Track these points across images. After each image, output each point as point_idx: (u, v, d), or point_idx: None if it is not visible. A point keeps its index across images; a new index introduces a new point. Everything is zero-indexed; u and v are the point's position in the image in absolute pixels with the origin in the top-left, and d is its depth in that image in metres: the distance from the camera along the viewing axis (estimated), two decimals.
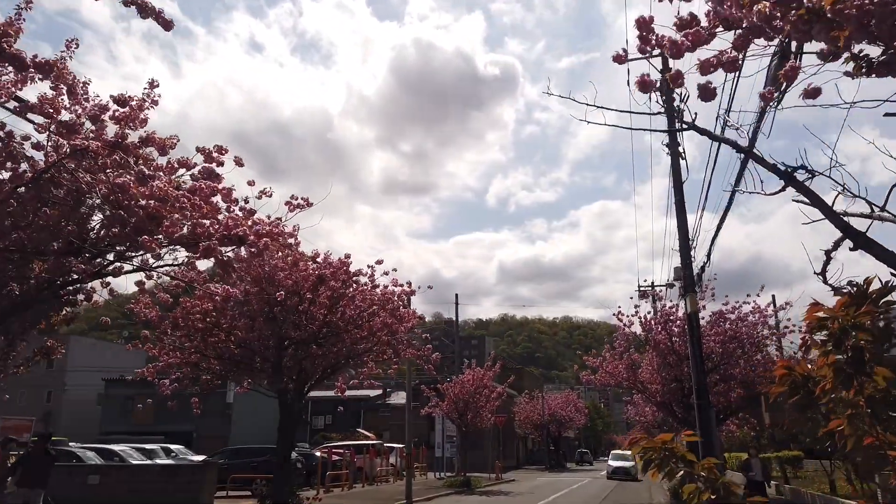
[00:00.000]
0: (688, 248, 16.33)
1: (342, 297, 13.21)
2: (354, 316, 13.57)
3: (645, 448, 2.52)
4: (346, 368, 15.47)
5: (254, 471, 21.23)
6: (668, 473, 2.47)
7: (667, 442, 2.51)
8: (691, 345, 15.74)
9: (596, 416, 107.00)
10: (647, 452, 2.51)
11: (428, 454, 36.49)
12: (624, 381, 22.82)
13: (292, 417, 14.42)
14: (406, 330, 14.82)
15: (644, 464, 2.58)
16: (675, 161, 17.25)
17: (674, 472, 2.46)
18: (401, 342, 14.90)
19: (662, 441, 2.52)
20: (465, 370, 28.25)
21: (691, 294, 15.88)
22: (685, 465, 2.49)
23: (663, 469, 2.48)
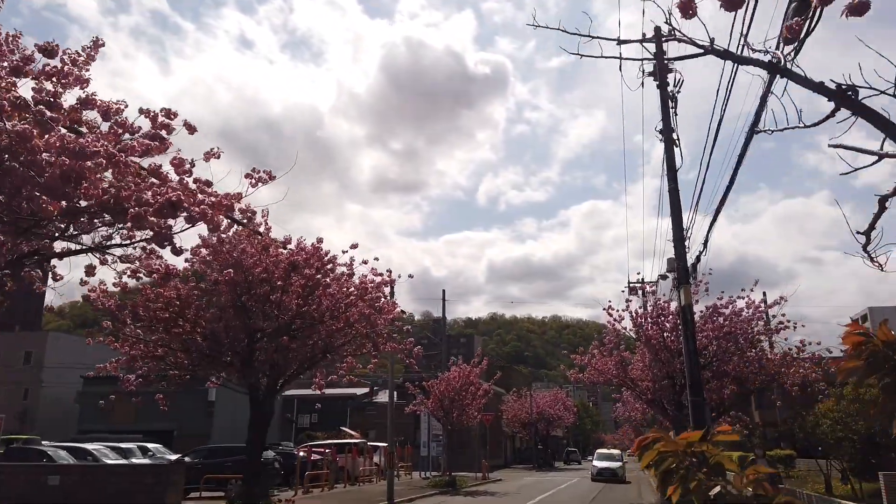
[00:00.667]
0: (682, 237, 15.58)
1: (317, 285, 12.37)
2: (330, 306, 12.73)
3: (662, 453, 1.71)
4: (322, 363, 14.61)
5: (228, 471, 20.30)
6: (696, 490, 1.62)
7: (693, 443, 1.70)
8: (685, 339, 14.99)
9: (584, 415, 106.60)
10: (663, 460, 1.70)
11: (413, 453, 35.68)
12: (613, 379, 22.08)
13: (264, 415, 13.56)
14: (386, 322, 13.98)
15: (661, 477, 1.75)
16: (669, 147, 16.51)
17: (705, 488, 1.63)
18: (380, 335, 14.05)
19: (687, 443, 1.70)
20: (451, 367, 27.44)
21: (685, 286, 15.14)
22: (720, 478, 1.66)
23: (688, 483, 1.65)
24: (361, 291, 13.02)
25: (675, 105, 17.30)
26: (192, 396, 44.22)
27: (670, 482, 1.69)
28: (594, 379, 22.42)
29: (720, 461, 1.69)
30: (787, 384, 19.20)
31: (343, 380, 15.82)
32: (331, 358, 14.52)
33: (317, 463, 23.87)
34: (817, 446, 18.87)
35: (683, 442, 1.71)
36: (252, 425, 13.41)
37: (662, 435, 1.74)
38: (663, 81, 16.99)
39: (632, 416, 41.89)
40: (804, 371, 18.62)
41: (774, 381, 19.37)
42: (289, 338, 12.57)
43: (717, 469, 1.68)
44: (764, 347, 20.14)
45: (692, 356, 14.94)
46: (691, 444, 1.71)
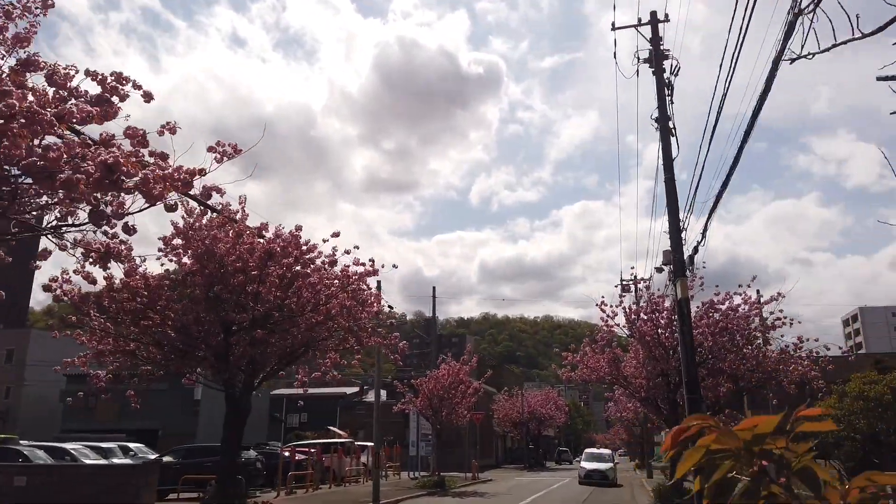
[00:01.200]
0: (678, 228, 15.00)
1: (296, 276, 11.68)
2: (311, 298, 12.05)
3: (714, 453, 1.02)
4: (304, 359, 13.92)
5: (207, 471, 19.56)
6: None
7: (763, 436, 1.03)
8: (682, 334, 14.42)
9: (576, 415, 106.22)
10: (715, 463, 1.02)
11: (402, 453, 35.02)
12: (606, 377, 21.47)
13: (240, 413, 12.87)
14: (370, 315, 13.31)
15: (713, 491, 1.04)
16: (666, 135, 15.94)
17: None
18: (364, 329, 13.37)
19: (754, 435, 1.02)
20: (441, 365, 26.78)
21: (682, 279, 14.56)
22: (811, 496, 0.98)
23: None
24: (343, 282, 12.34)
25: (672, 92, 16.73)
26: (176, 395, 43.49)
27: (732, 497, 1.03)
28: (586, 377, 21.80)
29: (810, 468, 1.02)
30: (785, 382, 18.67)
31: (327, 376, 15.16)
32: (312, 353, 13.83)
33: (301, 463, 23.15)
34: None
35: (747, 433, 1.05)
36: (228, 423, 12.72)
37: (713, 422, 1.09)
38: (659, 67, 16.42)
39: (623, 415, 41.39)
40: (803, 369, 18.08)
41: (772, 379, 18.81)
42: (265, 331, 11.90)
43: (809, 479, 1.01)
44: (761, 345, 19.55)
45: (689, 352, 14.36)
46: (760, 437, 1.05)
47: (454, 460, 37.05)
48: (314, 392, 76.21)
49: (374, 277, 13.28)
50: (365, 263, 12.58)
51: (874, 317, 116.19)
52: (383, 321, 14.11)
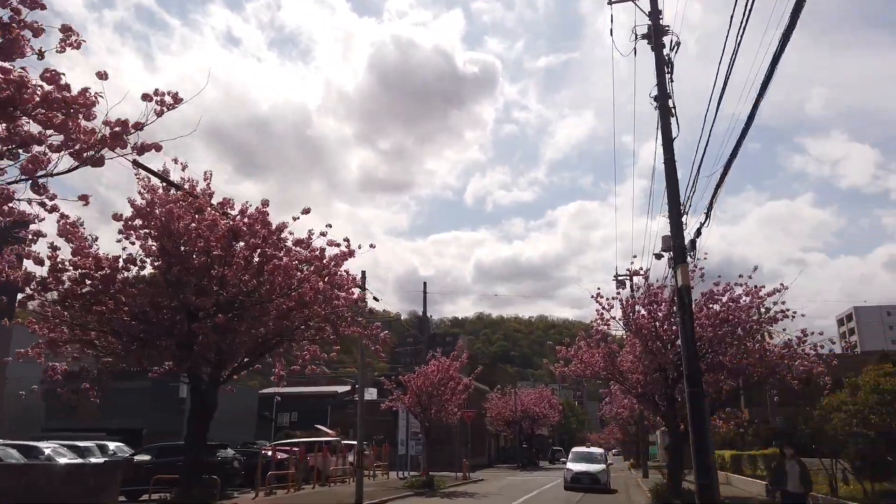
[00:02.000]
0: (679, 212, 14.10)
1: (265, 257, 10.68)
2: (282, 282, 11.08)
3: None
4: (278, 350, 12.93)
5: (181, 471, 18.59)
6: None
7: None
8: (682, 324, 13.51)
9: (570, 414, 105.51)
10: None
11: (391, 452, 34.08)
12: (601, 372, 20.56)
13: (206, 408, 11.88)
14: (347, 302, 12.34)
15: None
16: (665, 114, 15.04)
17: None
18: (341, 317, 12.40)
19: None
20: (430, 361, 25.82)
21: (682, 265, 13.66)
22: None
23: None
24: (317, 267, 11.37)
25: (672, 70, 15.81)
26: (160, 393, 42.45)
27: None
28: (580, 372, 20.88)
29: None
30: (789, 377, 17.76)
31: (305, 370, 14.21)
32: (287, 345, 12.85)
33: (283, 462, 22.16)
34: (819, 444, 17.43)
35: None
36: (192, 418, 11.73)
37: None
38: (658, 42, 15.51)
39: (619, 413, 40.48)
40: (808, 363, 17.18)
41: (775, 373, 17.91)
42: (229, 317, 10.93)
43: None
44: (763, 338, 18.62)
45: (690, 343, 13.46)
46: None
47: (445, 459, 36.12)
48: (305, 391, 75.49)
49: (352, 261, 12.28)
50: (340, 244, 11.61)
51: (869, 316, 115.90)
52: (362, 309, 13.11)
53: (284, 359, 13.83)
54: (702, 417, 13.01)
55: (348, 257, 11.75)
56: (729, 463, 29.11)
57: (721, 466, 30.50)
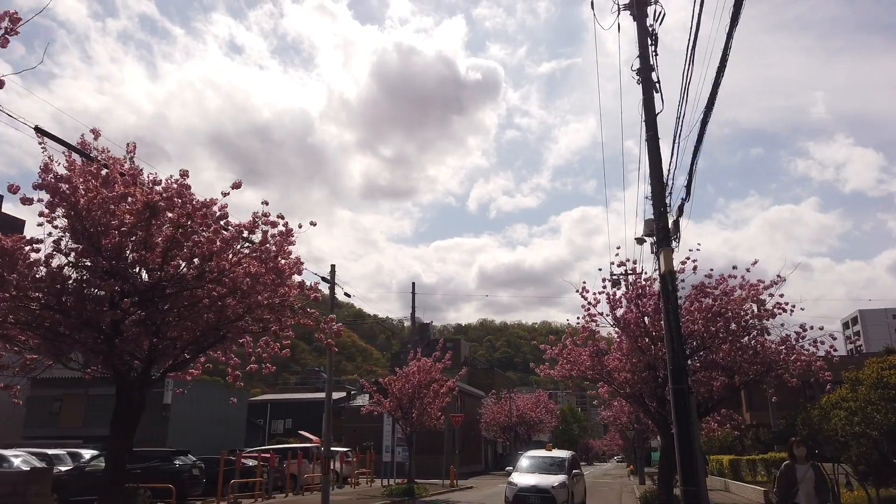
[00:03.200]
0: (662, 192, 12.87)
1: (188, 236, 9.44)
2: (213, 266, 9.86)
3: None
4: (221, 344, 11.69)
5: (137, 479, 17.38)
6: None
7: None
8: (666, 314, 12.27)
9: (572, 420, 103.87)
10: None
11: (377, 459, 32.87)
12: (588, 371, 19.27)
13: (132, 410, 10.62)
14: (293, 290, 11.10)
15: None
16: (648, 88, 13.83)
17: None
18: (286, 306, 11.16)
19: None
20: (411, 361, 24.59)
21: (665, 250, 12.43)
22: None
23: None
24: (253, 249, 10.14)
25: (655, 44, 14.65)
26: (146, 398, 41.32)
27: None
28: (566, 373, 19.58)
29: None
30: (786, 376, 16.46)
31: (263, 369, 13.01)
32: (230, 337, 11.61)
33: (251, 469, 20.93)
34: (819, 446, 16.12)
35: None
36: (115, 422, 10.47)
37: None
38: (641, 11, 14.39)
39: (618, 418, 39.09)
40: (806, 358, 15.87)
41: (772, 371, 16.61)
42: (153, 307, 9.72)
43: None
44: (759, 333, 17.32)
45: (674, 335, 12.21)
46: None
47: (434, 467, 34.87)
48: (299, 397, 74.30)
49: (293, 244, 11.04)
50: (276, 222, 10.37)
51: (874, 319, 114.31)
52: (309, 295, 11.83)
53: (227, 353, 12.65)
54: (687, 417, 11.76)
55: (287, 237, 10.50)
56: (727, 468, 27.79)
57: (719, 472, 29.17)
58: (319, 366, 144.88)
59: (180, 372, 12.23)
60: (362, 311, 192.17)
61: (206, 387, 56.47)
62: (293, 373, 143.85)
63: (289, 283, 11.13)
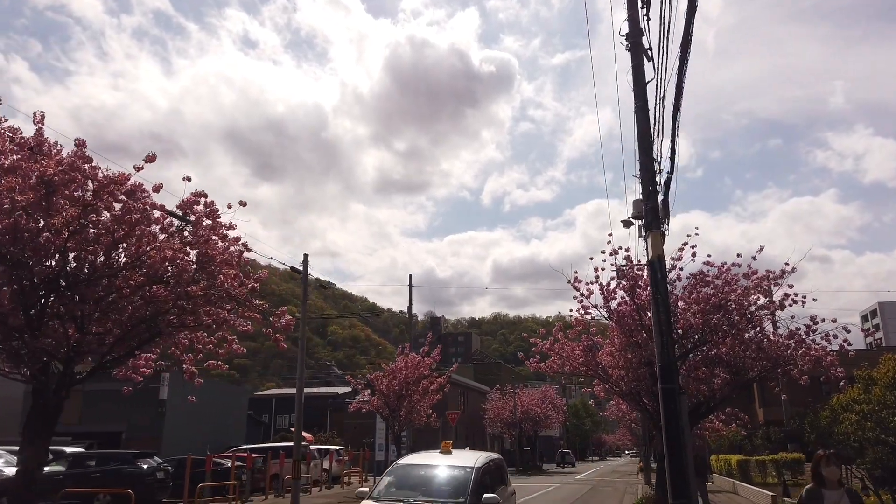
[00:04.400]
0: (652, 169, 11.49)
1: (91, 214, 8.20)
2: (134, 253, 8.66)
3: None
4: (157, 340, 10.51)
5: (96, 483, 16.32)
6: None
7: None
8: (654, 304, 10.92)
9: (584, 415, 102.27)
10: None
11: (371, 457, 31.76)
12: (580, 367, 17.95)
13: (47, 411, 9.46)
14: (230, 279, 9.87)
15: None
16: (637, 54, 12.41)
17: None
18: (229, 295, 9.96)
19: None
20: (398, 356, 23.37)
21: (654, 232, 11.06)
22: None
23: None
24: (172, 234, 8.90)
25: (648, 6, 13.25)
26: (141, 395, 40.45)
27: None
28: (557, 368, 18.29)
29: None
30: (795, 372, 15.04)
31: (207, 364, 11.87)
32: (165, 332, 10.41)
33: (227, 471, 19.79)
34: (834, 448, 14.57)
35: None
36: (28, 427, 9.31)
37: None
38: None
39: (626, 415, 37.63)
40: (816, 352, 14.44)
41: (779, 367, 15.19)
42: (60, 297, 8.56)
43: None
44: (766, 327, 15.89)
45: (663, 328, 10.83)
46: None
47: None
48: (305, 392, 73.11)
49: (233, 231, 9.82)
50: (197, 200, 9.09)
51: (894, 311, 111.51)
52: (254, 284, 10.59)
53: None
54: (677, 420, 10.42)
55: (211, 217, 9.25)
56: (736, 469, 26.33)
57: (727, 472, 27.76)
58: (331, 360, 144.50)
59: (113, 369, 11.02)
60: (376, 306, 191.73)
61: (205, 382, 55.68)
62: (307, 367, 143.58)
63: (226, 271, 9.89)
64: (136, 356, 10.93)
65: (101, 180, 8.32)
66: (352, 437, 47.02)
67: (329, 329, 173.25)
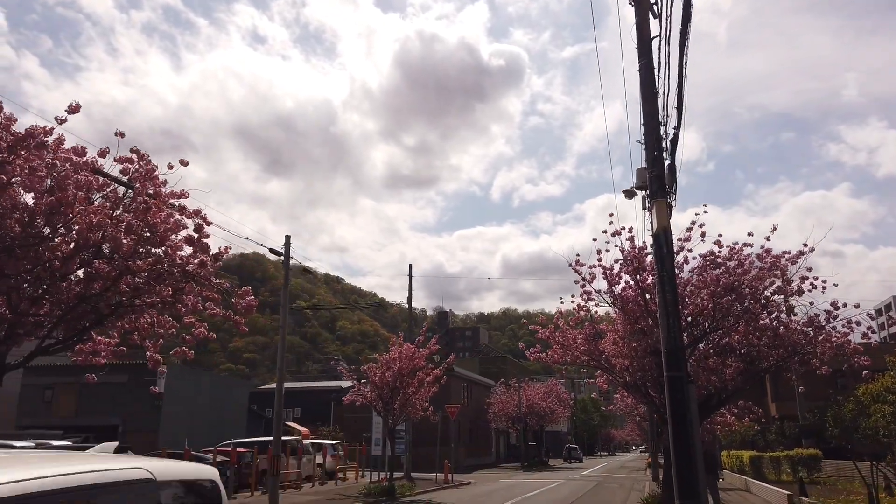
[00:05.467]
0: (657, 132, 10.29)
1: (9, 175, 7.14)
2: (64, 218, 7.56)
3: None
4: (112, 320, 9.44)
5: None
6: None
7: None
8: (660, 284, 9.75)
9: (593, 410, 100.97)
10: None
11: (368, 452, 30.72)
12: (582, 357, 16.75)
13: None
14: (175, 252, 8.76)
15: None
16: (642, 8, 11.28)
17: None
18: (183, 271, 8.86)
19: None
20: (392, 347, 22.25)
21: (659, 201, 9.86)
22: None
23: None
24: (115, 198, 7.81)
25: None
26: (138, 388, 39.76)
27: None
28: (559, 358, 17.07)
29: None
30: (814, 362, 13.81)
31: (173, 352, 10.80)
32: (110, 313, 9.32)
33: None
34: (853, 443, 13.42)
35: None
36: None
37: None
38: None
39: (633, 409, 36.38)
40: (837, 339, 13.20)
41: (796, 356, 13.95)
42: None
43: None
44: (782, 313, 14.60)
45: (670, 309, 9.67)
46: None
47: (434, 459, 32.55)
48: (309, 385, 72.35)
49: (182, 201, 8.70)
50: (131, 158, 7.96)
51: None
52: (207, 256, 9.44)
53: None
54: (685, 412, 9.26)
55: (147, 178, 8.13)
56: (748, 465, 25.08)
57: (739, 469, 26.53)
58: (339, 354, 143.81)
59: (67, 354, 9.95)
60: (385, 301, 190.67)
61: (204, 376, 54.84)
62: (316, 361, 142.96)
63: (174, 244, 8.78)
64: (89, 341, 9.85)
65: (21, 136, 7.20)
66: (354, 432, 46.06)
67: (338, 324, 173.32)
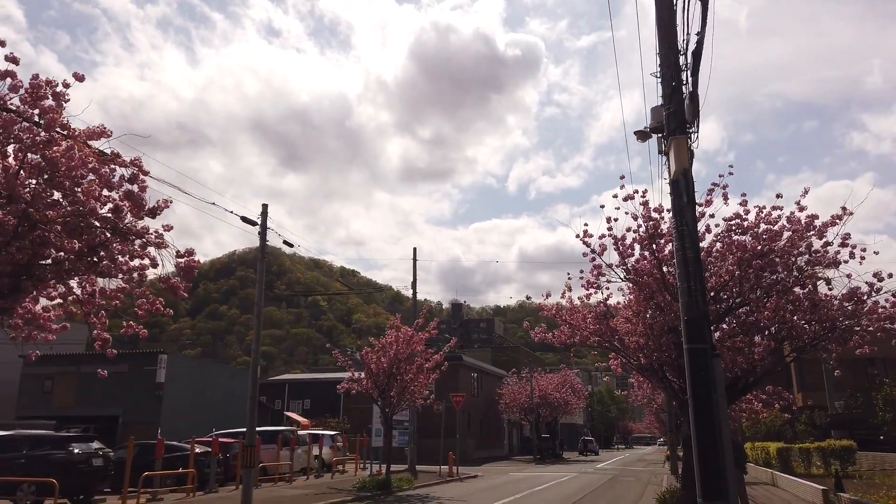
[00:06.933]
0: (676, 61, 8.60)
1: None
2: None
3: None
4: (19, 293, 8.01)
5: (19, 471, 13.94)
6: None
7: None
8: (679, 238, 8.11)
9: (610, 401, 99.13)
10: None
11: (369, 443, 29.31)
12: (592, 337, 15.09)
13: None
14: (90, 198, 7.26)
15: None
16: None
17: None
18: (91, 223, 7.37)
19: None
20: (388, 331, 20.70)
21: (678, 139, 8.21)
22: None
23: None
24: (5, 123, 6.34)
25: None
26: (138, 378, 38.74)
27: None
28: (566, 338, 15.42)
29: None
30: (856, 339, 12.07)
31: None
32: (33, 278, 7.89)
33: (180, 458, 17.37)
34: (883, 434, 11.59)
35: None
36: None
37: None
38: None
39: (652, 399, 34.60)
40: (886, 311, 11.45)
41: (835, 332, 12.19)
42: None
43: None
44: (816, 284, 12.80)
45: (691, 269, 8.02)
46: None
47: (440, 450, 31.03)
48: (318, 377, 71.13)
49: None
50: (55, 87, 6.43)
51: None
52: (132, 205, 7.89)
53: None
54: (708, 392, 7.63)
55: (36, 97, 6.59)
56: (775, 458, 23.27)
57: (766, 462, 24.74)
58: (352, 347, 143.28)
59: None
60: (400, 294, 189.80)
61: (208, 366, 53.74)
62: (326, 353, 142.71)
63: (87, 187, 7.26)
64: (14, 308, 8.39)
65: None
66: (361, 423, 44.79)
67: (354, 317, 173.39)
